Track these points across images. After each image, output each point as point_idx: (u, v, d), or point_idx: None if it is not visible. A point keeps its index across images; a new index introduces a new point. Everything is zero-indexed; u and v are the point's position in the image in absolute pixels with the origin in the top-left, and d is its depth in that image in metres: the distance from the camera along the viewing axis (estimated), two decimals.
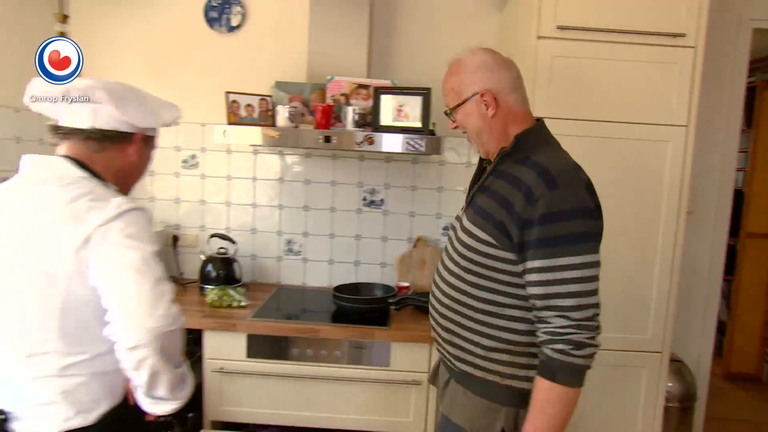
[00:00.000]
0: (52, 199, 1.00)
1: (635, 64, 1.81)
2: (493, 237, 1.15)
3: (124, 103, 1.08)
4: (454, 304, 1.23)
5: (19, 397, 1.01)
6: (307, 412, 1.94)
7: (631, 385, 1.94)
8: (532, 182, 1.11)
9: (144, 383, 1.00)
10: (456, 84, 1.24)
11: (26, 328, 0.99)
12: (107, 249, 0.98)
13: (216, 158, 2.43)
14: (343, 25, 2.14)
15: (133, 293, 0.96)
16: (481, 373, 1.22)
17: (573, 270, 1.07)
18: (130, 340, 0.95)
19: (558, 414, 1.11)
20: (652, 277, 1.89)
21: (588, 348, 1.09)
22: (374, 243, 2.46)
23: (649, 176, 1.85)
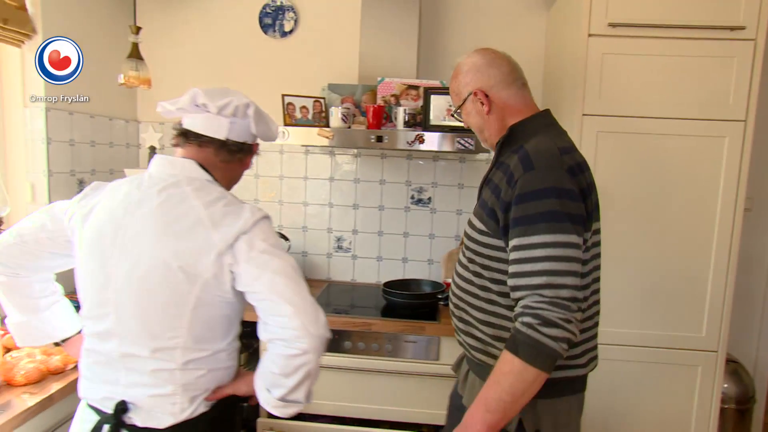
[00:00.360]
0: (190, 202, 1.04)
1: (690, 59, 1.79)
2: (486, 225, 1.19)
3: (259, 120, 1.16)
4: (465, 295, 1.28)
5: (140, 388, 1.05)
6: (358, 404, 2.01)
7: (685, 384, 1.91)
8: (513, 166, 1.13)
9: (290, 386, 1.03)
10: (455, 87, 1.34)
11: (157, 323, 1.03)
12: (257, 259, 1.01)
13: (269, 158, 2.54)
14: (393, 27, 2.20)
15: (298, 301, 1.00)
16: (492, 361, 1.22)
17: (544, 248, 1.05)
18: (300, 347, 0.99)
19: (511, 389, 1.05)
20: (707, 275, 1.86)
21: (558, 328, 1.01)
22: (422, 240, 2.51)
23: (705, 173, 1.82)
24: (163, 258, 1.01)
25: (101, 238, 1.06)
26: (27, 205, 2.01)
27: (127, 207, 1.06)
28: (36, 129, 1.97)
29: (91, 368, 1.10)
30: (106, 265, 1.04)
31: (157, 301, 1.02)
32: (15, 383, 1.32)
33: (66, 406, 1.38)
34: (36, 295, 1.22)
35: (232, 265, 1.02)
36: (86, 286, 1.09)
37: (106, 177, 2.36)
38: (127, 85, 2.04)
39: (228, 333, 1.10)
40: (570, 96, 1.93)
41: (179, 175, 1.08)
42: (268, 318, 1.02)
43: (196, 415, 1.07)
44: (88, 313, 1.09)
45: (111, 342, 1.05)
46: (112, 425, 1.04)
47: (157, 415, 1.05)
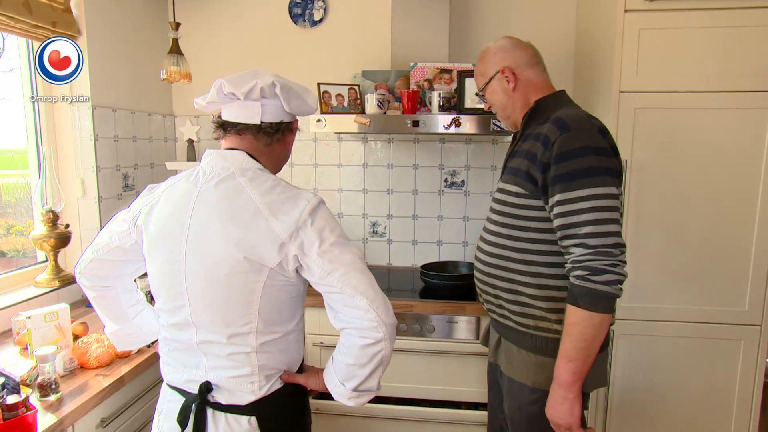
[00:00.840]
0: (247, 193, 1.06)
1: (731, 30, 1.76)
2: (521, 187, 1.29)
3: (291, 95, 1.13)
4: (499, 261, 1.35)
5: (220, 370, 1.10)
6: (400, 383, 2.06)
7: (727, 359, 1.92)
8: (547, 130, 1.24)
9: (365, 376, 1.07)
10: (482, 68, 1.43)
11: (230, 312, 1.07)
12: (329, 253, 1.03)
13: (303, 147, 2.58)
14: (424, 12, 2.21)
15: (371, 294, 1.03)
16: (533, 321, 1.32)
17: (587, 201, 1.16)
18: (376, 336, 1.03)
19: (581, 337, 1.16)
20: (750, 249, 1.85)
21: (607, 274, 1.13)
22: (456, 223, 2.54)
23: (748, 144, 1.80)
24: (229, 250, 1.04)
25: (167, 235, 1.10)
26: (78, 200, 2.10)
27: (188, 203, 1.09)
28: (84, 127, 2.05)
29: (171, 355, 1.16)
30: (175, 261, 1.08)
31: (228, 291, 1.06)
32: (88, 366, 1.40)
33: (135, 387, 1.47)
34: (124, 306, 1.31)
35: (301, 257, 1.04)
36: (158, 281, 1.14)
37: (147, 171, 2.45)
38: (168, 80, 2.10)
39: (295, 314, 1.15)
40: (605, 73, 1.92)
41: (231, 167, 1.10)
42: (341, 308, 1.06)
43: (273, 391, 1.13)
44: (163, 306, 1.14)
45: (188, 331, 1.11)
46: (198, 403, 1.10)
47: (238, 394, 1.11)
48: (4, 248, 2.07)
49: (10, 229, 2.09)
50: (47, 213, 1.88)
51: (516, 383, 1.37)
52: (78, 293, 2.02)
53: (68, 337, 1.47)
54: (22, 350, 1.52)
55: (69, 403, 1.22)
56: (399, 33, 2.25)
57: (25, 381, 1.26)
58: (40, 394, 1.21)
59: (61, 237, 1.91)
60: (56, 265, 1.95)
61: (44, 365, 1.22)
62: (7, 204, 2.13)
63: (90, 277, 1.26)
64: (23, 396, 1.10)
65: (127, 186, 2.30)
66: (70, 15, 1.92)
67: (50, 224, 1.89)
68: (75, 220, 2.10)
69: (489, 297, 1.42)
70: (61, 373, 1.35)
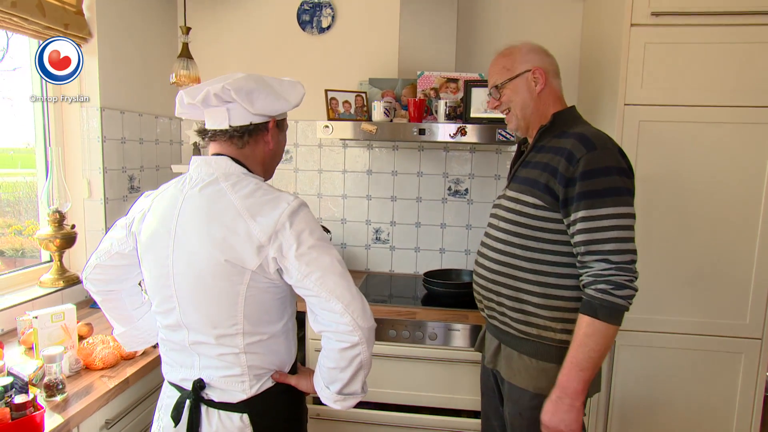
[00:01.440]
0: (228, 197, 1.07)
1: (736, 46, 1.78)
2: (539, 198, 1.30)
3: (253, 97, 1.10)
4: (506, 269, 1.36)
5: (212, 370, 1.12)
6: (401, 390, 2.07)
7: (728, 371, 1.93)
8: (571, 146, 1.26)
9: (346, 379, 1.09)
10: (508, 63, 1.41)
11: (216, 314, 1.08)
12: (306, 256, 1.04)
13: (308, 152, 2.60)
14: (431, 21, 2.24)
15: (347, 298, 1.04)
16: (536, 330, 1.34)
17: (612, 219, 1.21)
18: (352, 340, 1.04)
19: (596, 347, 1.20)
20: (752, 262, 1.86)
21: (627, 289, 1.19)
22: (459, 231, 2.55)
23: (751, 159, 1.82)
24: (211, 253, 1.05)
25: (156, 240, 1.13)
26: (84, 200, 2.11)
27: (174, 209, 1.11)
28: (92, 128, 2.07)
29: (169, 354, 1.19)
30: (163, 265, 1.11)
31: (214, 294, 1.07)
32: (94, 367, 1.41)
33: (140, 388, 1.47)
34: (128, 309, 1.33)
35: (280, 259, 1.05)
36: (151, 285, 1.17)
37: (153, 173, 2.46)
38: (177, 83, 2.12)
39: (283, 315, 1.16)
40: (610, 86, 1.94)
41: (215, 172, 1.11)
42: (318, 311, 1.07)
43: (264, 390, 1.15)
44: (157, 308, 1.17)
45: (181, 332, 1.14)
46: (192, 400, 1.13)
47: (229, 392, 1.13)
48: (2, 247, 2.08)
49: (9, 228, 2.10)
50: (54, 213, 1.89)
51: (517, 389, 1.38)
52: (82, 294, 2.02)
53: (74, 338, 1.47)
54: (27, 350, 1.52)
55: (75, 404, 1.22)
56: (406, 41, 2.27)
57: (31, 381, 1.27)
58: (46, 394, 1.22)
59: (66, 237, 1.91)
60: (61, 266, 1.96)
61: (51, 365, 1.22)
62: (6, 203, 2.14)
63: (95, 283, 1.30)
64: (31, 396, 1.11)
65: (133, 188, 2.31)
66: (82, 17, 1.94)
67: (56, 224, 1.89)
68: (80, 221, 2.11)
69: (491, 303, 1.43)
70: (66, 373, 1.36)
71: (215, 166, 1.12)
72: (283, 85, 1.17)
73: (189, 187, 1.12)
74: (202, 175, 1.13)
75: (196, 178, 1.13)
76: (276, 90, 1.14)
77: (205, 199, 1.09)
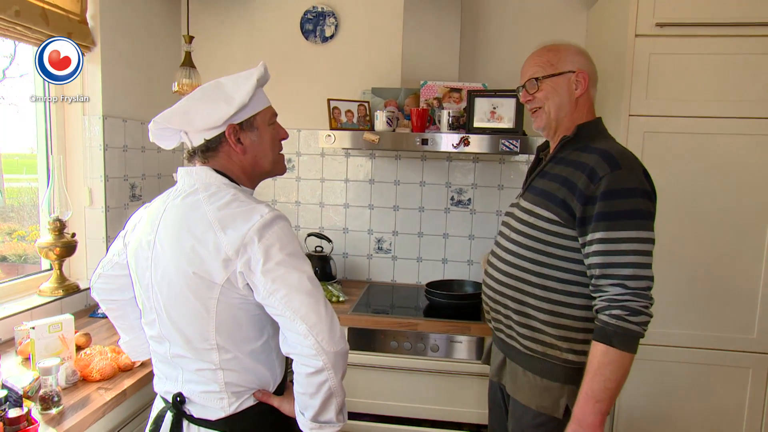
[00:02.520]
0: (203, 208, 1.04)
1: (741, 57, 1.77)
2: (555, 213, 1.24)
3: (189, 117, 1.08)
4: (515, 281, 1.31)
5: (193, 384, 1.09)
6: (401, 403, 2.04)
7: (735, 387, 1.90)
8: (595, 163, 1.20)
9: (317, 407, 1.03)
10: (554, 58, 1.33)
11: (188, 327, 1.05)
12: (273, 272, 0.99)
13: (311, 161, 2.59)
14: (434, 31, 2.23)
15: (313, 319, 0.99)
16: (541, 347, 1.29)
17: (631, 243, 1.15)
18: (316, 365, 0.99)
19: (613, 377, 1.14)
20: (759, 275, 1.84)
21: (643, 315, 1.14)
22: (461, 241, 2.53)
23: (757, 170, 1.81)
24: (180, 265, 1.02)
25: (140, 251, 1.11)
26: (85, 208, 2.11)
27: (155, 220, 1.10)
28: (94, 136, 2.06)
29: (157, 366, 1.18)
30: (144, 276, 1.10)
31: (185, 307, 1.04)
32: (91, 379, 1.39)
33: (137, 401, 1.45)
34: (132, 317, 1.31)
35: (247, 275, 1.01)
36: (137, 295, 1.16)
37: (154, 181, 2.45)
38: (180, 92, 2.12)
39: (262, 332, 1.10)
40: (615, 96, 1.93)
41: (196, 183, 1.09)
42: (286, 332, 1.02)
43: (244, 409, 1.10)
44: (144, 319, 1.16)
45: (164, 344, 1.12)
46: (174, 414, 1.11)
47: (209, 409, 1.09)
48: (5, 253, 2.07)
49: (12, 233, 2.09)
50: (54, 221, 1.88)
51: (520, 405, 1.35)
52: (82, 303, 2.01)
53: (71, 349, 1.46)
54: (24, 360, 1.51)
55: (70, 417, 1.20)
56: (409, 51, 2.26)
57: (27, 393, 1.25)
58: (41, 407, 1.20)
59: (66, 246, 1.90)
60: (61, 274, 1.94)
61: (47, 378, 1.21)
62: (11, 208, 2.13)
63: (99, 292, 1.30)
64: (25, 410, 1.09)
65: (134, 196, 2.30)
66: (86, 26, 1.95)
67: (57, 233, 1.88)
68: (81, 229, 2.10)
69: (498, 316, 1.39)
70: (63, 385, 1.34)
71: (196, 176, 1.10)
72: (236, 81, 1.10)
73: (172, 198, 1.11)
74: (185, 185, 1.11)
75: (179, 189, 1.12)
76: (221, 95, 1.08)
77: (182, 210, 1.07)
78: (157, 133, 1.13)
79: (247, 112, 1.11)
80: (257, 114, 1.13)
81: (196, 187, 1.08)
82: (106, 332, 1.78)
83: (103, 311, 1.93)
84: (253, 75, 1.11)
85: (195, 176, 1.10)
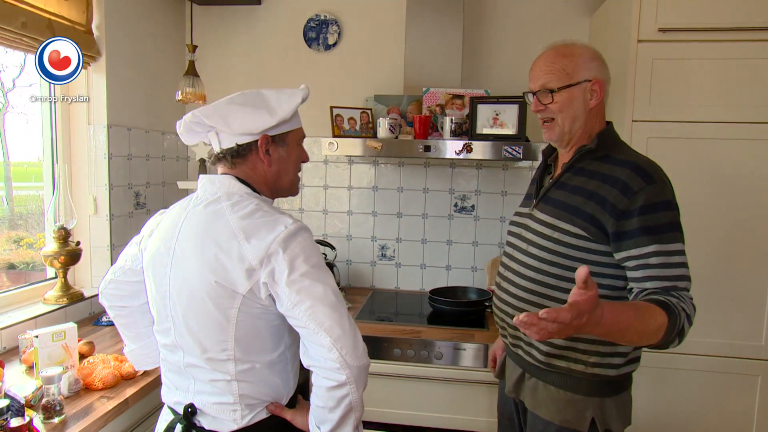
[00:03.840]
0: (226, 217, 1.04)
1: (744, 62, 1.76)
2: (581, 228, 1.19)
3: (229, 119, 1.08)
4: (537, 298, 1.25)
5: (205, 395, 1.08)
6: (405, 410, 2.02)
7: (744, 394, 1.87)
8: (627, 177, 1.16)
9: (335, 421, 1.02)
10: (569, 66, 1.24)
11: (206, 337, 1.05)
12: (297, 283, 0.99)
13: (314, 169, 2.60)
14: (437, 38, 2.24)
15: (337, 332, 0.98)
16: (566, 363, 1.24)
17: (681, 255, 1.16)
18: (339, 379, 0.98)
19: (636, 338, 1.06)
20: (765, 281, 1.82)
21: (690, 326, 1.11)
22: (465, 248, 2.52)
23: (762, 176, 1.79)
24: (203, 274, 1.02)
25: (157, 257, 1.11)
26: (90, 217, 2.12)
27: (175, 227, 1.10)
28: (99, 145, 2.08)
29: (167, 375, 1.17)
30: (161, 283, 1.10)
31: (204, 315, 1.04)
32: (93, 387, 1.39)
33: (139, 410, 1.45)
34: (140, 326, 1.31)
35: (271, 285, 1.01)
36: (152, 302, 1.15)
37: (159, 189, 2.46)
38: (183, 100, 2.13)
39: (279, 343, 1.10)
40: (617, 102, 1.92)
41: (219, 191, 1.10)
42: (308, 344, 1.02)
43: (256, 422, 1.09)
44: (156, 327, 1.15)
45: (177, 353, 1.11)
46: (184, 426, 1.10)
47: (221, 421, 1.08)
48: (14, 260, 2.08)
49: (21, 241, 2.10)
50: (59, 230, 1.89)
51: (541, 420, 1.29)
52: (86, 311, 2.02)
53: (74, 357, 1.46)
54: (28, 369, 1.51)
55: (72, 426, 1.21)
56: (412, 58, 2.27)
57: (29, 402, 1.25)
58: (44, 416, 1.20)
59: (71, 254, 1.91)
60: (65, 282, 1.95)
61: (49, 387, 1.21)
62: (19, 216, 2.15)
63: (109, 297, 1.29)
64: (27, 419, 1.09)
65: (139, 204, 2.31)
66: (91, 36, 1.97)
67: (61, 241, 1.89)
68: (86, 238, 2.11)
69: (517, 332, 1.32)
70: (65, 394, 1.34)
71: (218, 185, 1.11)
72: (280, 96, 1.12)
73: (193, 205, 1.11)
74: (207, 193, 1.12)
75: (201, 197, 1.12)
76: (265, 105, 1.10)
77: (205, 217, 1.07)
78: (188, 126, 1.12)
79: (284, 127, 1.13)
80: (291, 131, 1.15)
81: (219, 195, 1.09)
82: (109, 340, 1.78)
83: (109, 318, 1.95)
84: (298, 94, 1.13)
85: (218, 184, 1.11)
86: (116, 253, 2.16)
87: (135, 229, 2.27)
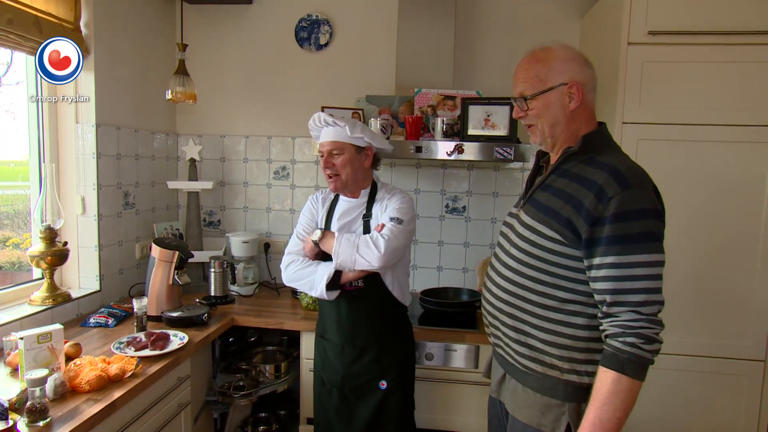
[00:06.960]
0: None
1: (733, 65, 1.78)
2: (558, 233, 1.17)
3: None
4: (513, 299, 1.25)
5: None
6: None
7: (730, 394, 1.89)
8: (603, 181, 1.13)
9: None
10: (542, 72, 1.23)
11: None
12: None
13: (305, 169, 2.58)
14: (429, 39, 2.24)
15: None
16: (541, 367, 1.24)
17: (643, 267, 1.10)
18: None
19: (622, 405, 1.10)
20: (752, 282, 1.84)
21: (656, 343, 1.10)
22: (456, 249, 2.52)
23: (750, 178, 1.81)
24: None
25: None
26: (77, 217, 2.09)
27: None
28: (87, 144, 2.05)
29: None
30: None
31: None
32: (80, 390, 1.37)
33: (126, 413, 1.43)
34: None
35: None
36: None
37: (148, 189, 2.44)
38: (173, 100, 2.11)
39: None
40: (607, 104, 1.93)
41: None
42: None
43: None
44: None
45: None
46: None
47: None
48: (0, 261, 2.05)
49: (7, 241, 2.08)
50: (46, 230, 1.86)
51: (519, 423, 1.30)
52: (73, 312, 1.99)
53: (61, 359, 1.44)
54: (13, 371, 1.49)
55: (58, 430, 1.18)
56: (404, 59, 2.27)
57: (13, 405, 1.23)
58: (28, 419, 1.18)
59: (58, 254, 1.89)
60: (52, 283, 1.92)
61: (35, 389, 1.19)
62: (5, 215, 2.12)
63: None
64: (11, 423, 1.07)
65: (128, 204, 2.28)
66: (80, 34, 1.94)
67: (48, 241, 1.87)
68: (74, 238, 2.08)
69: (497, 331, 1.34)
70: (51, 397, 1.32)
71: None
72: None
73: None
74: None
75: None
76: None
77: None
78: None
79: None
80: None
81: None
82: (97, 342, 1.76)
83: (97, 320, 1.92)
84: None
85: None
86: (104, 254, 2.13)
87: (124, 230, 2.26)
